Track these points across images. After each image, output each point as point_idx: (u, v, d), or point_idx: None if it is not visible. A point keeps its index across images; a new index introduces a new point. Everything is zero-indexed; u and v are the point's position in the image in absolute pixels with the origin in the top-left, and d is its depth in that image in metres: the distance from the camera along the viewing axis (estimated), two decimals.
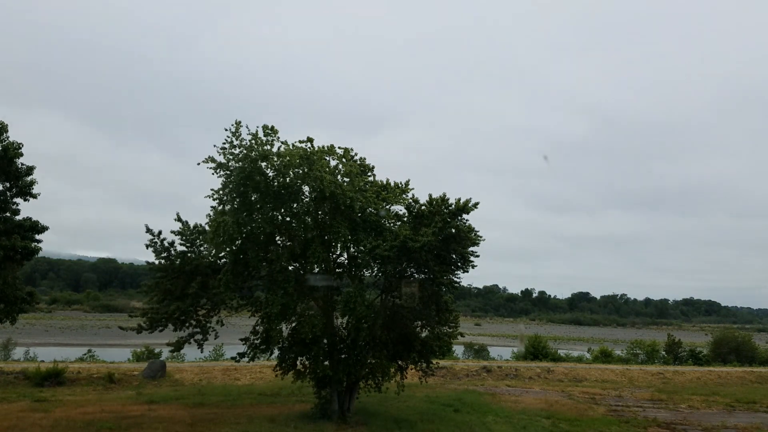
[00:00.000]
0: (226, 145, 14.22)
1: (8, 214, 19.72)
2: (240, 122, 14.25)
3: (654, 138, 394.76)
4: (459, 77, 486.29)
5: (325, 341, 15.43)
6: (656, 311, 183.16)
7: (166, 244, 16.32)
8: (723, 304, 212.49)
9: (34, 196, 20.03)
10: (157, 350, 30.57)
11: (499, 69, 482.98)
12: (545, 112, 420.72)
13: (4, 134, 19.42)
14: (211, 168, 14.41)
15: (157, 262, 16.33)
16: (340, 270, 16.33)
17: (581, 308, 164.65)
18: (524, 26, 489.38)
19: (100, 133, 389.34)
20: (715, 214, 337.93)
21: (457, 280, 16.34)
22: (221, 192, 14.54)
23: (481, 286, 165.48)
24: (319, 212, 15.34)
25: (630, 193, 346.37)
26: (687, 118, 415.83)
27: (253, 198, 14.47)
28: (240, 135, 14.21)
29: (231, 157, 14.18)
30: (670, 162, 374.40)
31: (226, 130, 14.21)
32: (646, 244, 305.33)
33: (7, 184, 19.74)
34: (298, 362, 16.06)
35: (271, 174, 14.41)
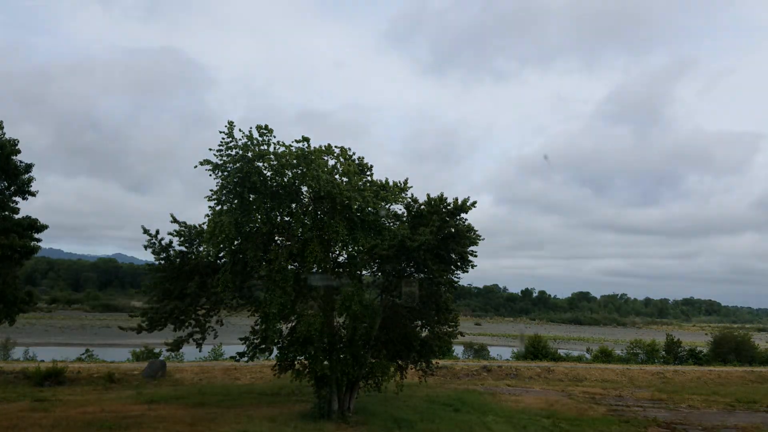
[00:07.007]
0: (222, 147, 14.24)
1: (7, 213, 19.62)
2: (233, 123, 14.32)
3: None
4: None
5: (325, 340, 15.42)
6: (656, 311, 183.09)
7: (164, 244, 16.33)
8: (723, 304, 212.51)
9: (33, 194, 19.94)
10: (156, 350, 30.54)
11: None
12: None
13: (0, 131, 19.27)
14: (208, 170, 14.41)
15: (156, 262, 16.36)
16: (339, 269, 16.31)
17: (581, 308, 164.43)
18: None
19: None
20: None
21: (456, 279, 16.32)
22: (219, 193, 14.54)
23: (481, 286, 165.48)
24: (318, 212, 15.33)
25: None
26: None
27: (250, 198, 14.47)
28: (234, 135, 14.25)
29: (227, 158, 14.19)
30: None
31: (221, 132, 14.25)
32: None
33: (5, 183, 19.61)
34: (296, 361, 16.05)
35: (268, 174, 14.42)
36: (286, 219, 15.55)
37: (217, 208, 14.80)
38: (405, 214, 16.47)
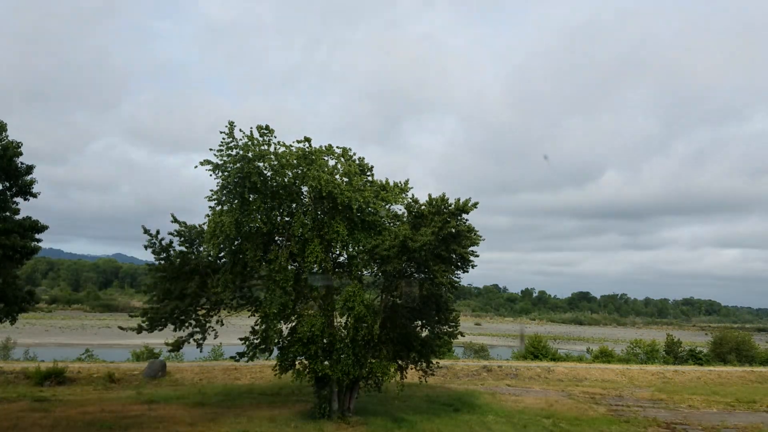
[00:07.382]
0: (222, 147, 14.25)
1: (8, 214, 19.66)
2: (233, 123, 14.34)
3: None
4: None
5: (325, 340, 15.44)
6: (656, 311, 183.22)
7: (165, 244, 16.35)
8: (723, 304, 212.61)
9: (34, 195, 19.99)
10: (156, 350, 30.54)
11: None
12: None
13: (4, 133, 19.35)
14: (208, 170, 14.42)
15: (156, 262, 16.38)
16: (340, 269, 16.32)
17: (581, 308, 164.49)
18: None
19: None
20: None
21: (457, 279, 16.33)
22: (219, 193, 14.55)
23: (481, 286, 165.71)
24: (318, 212, 15.35)
25: None
26: None
27: (251, 198, 14.49)
28: (234, 136, 14.27)
29: (227, 158, 14.20)
30: None
31: (221, 132, 14.27)
32: None
33: (7, 184, 19.68)
34: (297, 362, 16.06)
35: (268, 174, 14.43)
36: (286, 219, 15.57)
37: (218, 208, 14.81)
38: (405, 215, 16.48)
